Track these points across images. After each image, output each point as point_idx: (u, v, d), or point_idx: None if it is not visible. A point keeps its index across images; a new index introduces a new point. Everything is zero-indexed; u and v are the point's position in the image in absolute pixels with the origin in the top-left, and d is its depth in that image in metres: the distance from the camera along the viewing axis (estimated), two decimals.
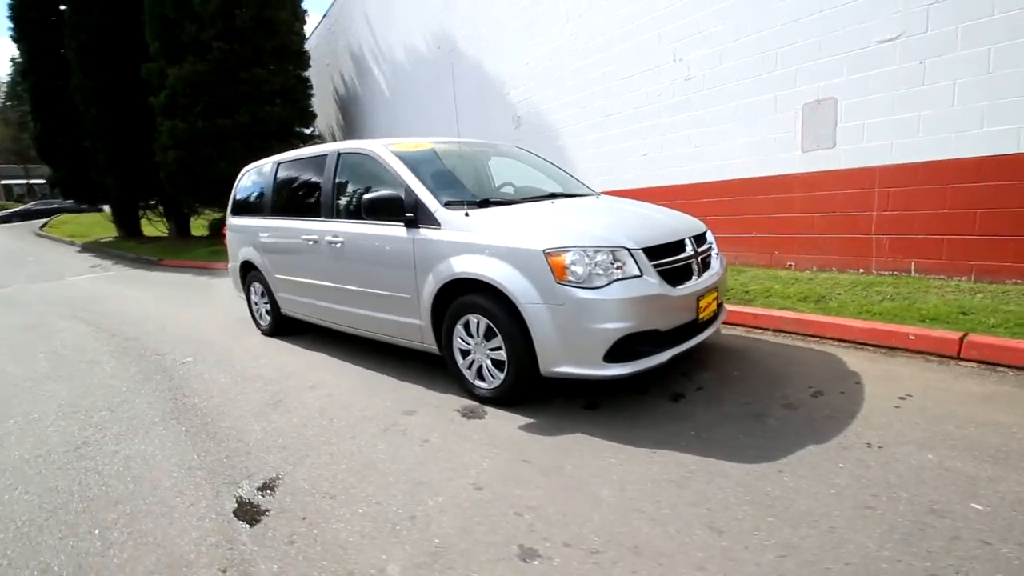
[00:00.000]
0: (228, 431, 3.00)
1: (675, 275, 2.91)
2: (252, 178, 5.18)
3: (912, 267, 4.60)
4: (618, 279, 2.68)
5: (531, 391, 2.97)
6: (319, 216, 4.07)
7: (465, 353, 3.16)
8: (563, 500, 2.11)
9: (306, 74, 13.33)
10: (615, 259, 2.71)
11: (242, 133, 11.82)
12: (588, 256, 2.67)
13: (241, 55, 11.90)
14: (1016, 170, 3.92)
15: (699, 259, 3.12)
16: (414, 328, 3.43)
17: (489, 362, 3.02)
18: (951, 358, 3.19)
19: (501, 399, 3.02)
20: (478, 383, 3.12)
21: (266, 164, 4.97)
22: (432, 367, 3.73)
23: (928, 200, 4.41)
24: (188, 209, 14.70)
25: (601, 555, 1.78)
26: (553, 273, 2.67)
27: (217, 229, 17.29)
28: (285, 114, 12.78)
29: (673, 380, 3.20)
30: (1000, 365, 3.04)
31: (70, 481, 2.56)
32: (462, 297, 3.07)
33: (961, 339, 3.17)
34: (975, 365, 3.10)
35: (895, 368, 3.17)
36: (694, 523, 1.91)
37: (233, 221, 5.37)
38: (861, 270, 4.93)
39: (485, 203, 3.30)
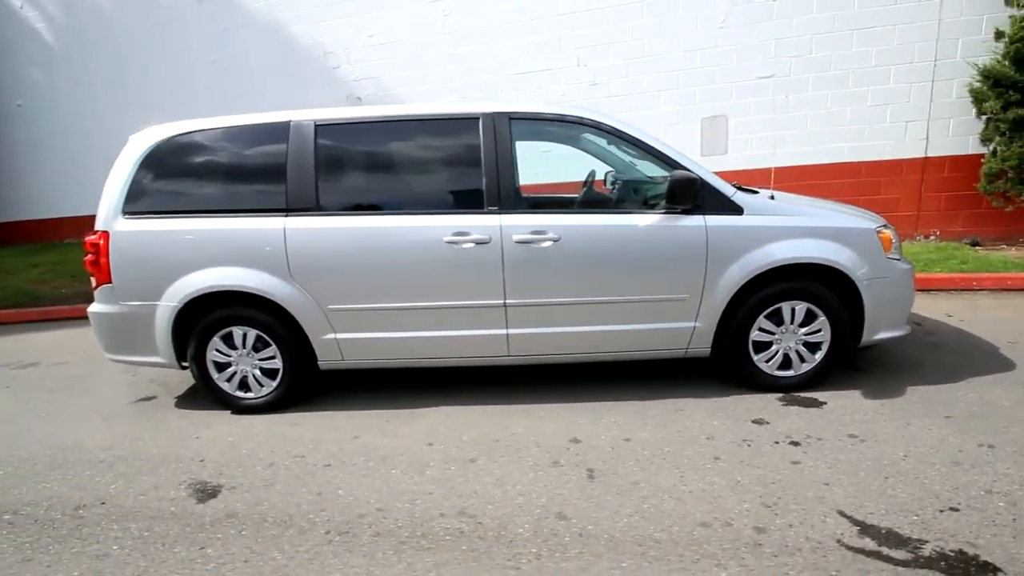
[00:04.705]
0: (618, 535, 1.97)
1: None
2: (205, 150, 2.97)
3: None
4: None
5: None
6: (477, 207, 2.83)
7: (760, 346, 2.96)
8: None
9: None
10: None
11: None
12: (895, 233, 3.02)
13: None
14: (844, 173, 6.13)
15: None
16: (680, 333, 2.93)
17: (802, 347, 2.95)
18: (1001, 291, 4.70)
19: (803, 384, 2.99)
20: (781, 373, 2.98)
21: (253, 125, 2.97)
22: (653, 371, 3.23)
23: (810, 191, 6.32)
24: None
25: None
26: (884, 249, 2.89)
27: None
28: None
29: None
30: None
31: None
32: (771, 287, 2.87)
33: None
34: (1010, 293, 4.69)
35: (1009, 302, 4.42)
36: None
37: (149, 227, 2.93)
38: None
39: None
